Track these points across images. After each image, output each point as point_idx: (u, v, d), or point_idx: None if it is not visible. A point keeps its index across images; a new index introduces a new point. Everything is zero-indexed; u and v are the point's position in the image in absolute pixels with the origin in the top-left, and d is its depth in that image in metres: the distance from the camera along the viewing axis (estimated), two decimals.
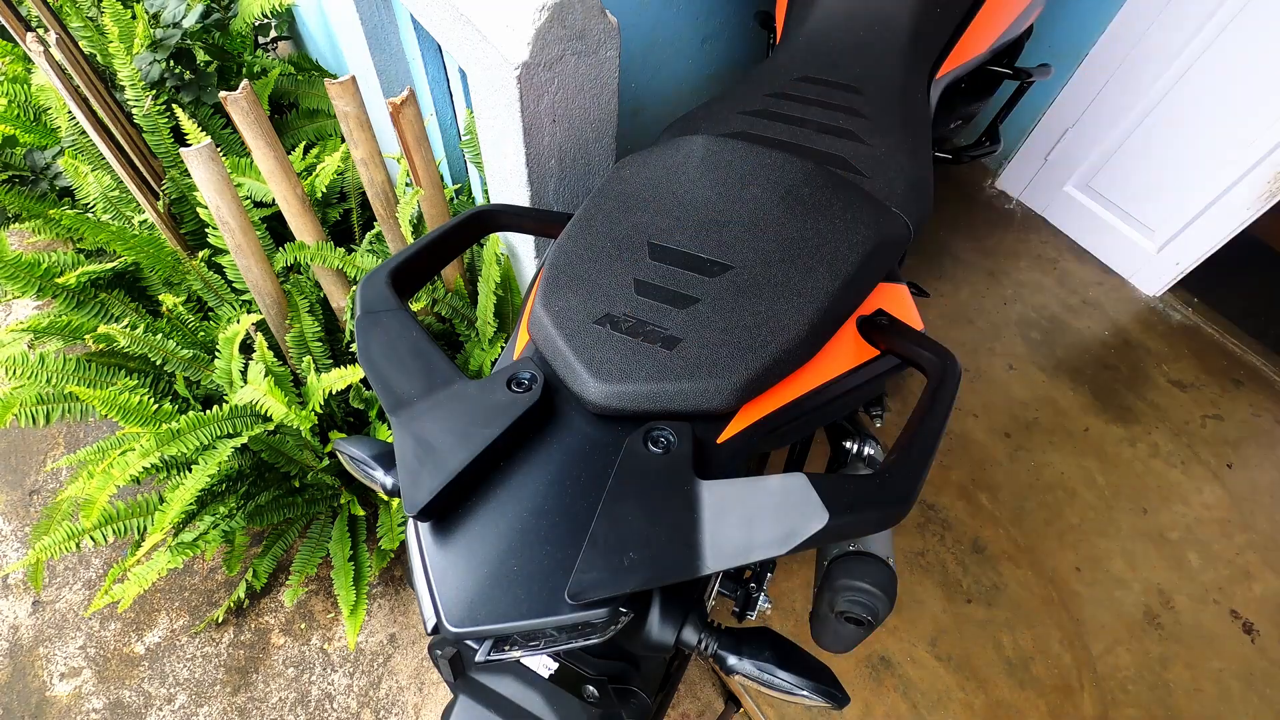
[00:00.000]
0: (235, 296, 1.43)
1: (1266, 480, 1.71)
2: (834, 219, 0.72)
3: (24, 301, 2.01)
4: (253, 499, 1.36)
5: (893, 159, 0.86)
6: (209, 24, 1.64)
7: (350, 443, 0.69)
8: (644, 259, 0.68)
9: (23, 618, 1.55)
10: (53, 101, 1.54)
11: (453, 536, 0.53)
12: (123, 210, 1.48)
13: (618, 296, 0.65)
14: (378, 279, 0.68)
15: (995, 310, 2.01)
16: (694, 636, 0.63)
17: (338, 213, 1.61)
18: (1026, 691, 1.41)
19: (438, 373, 0.61)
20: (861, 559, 0.75)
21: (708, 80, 1.62)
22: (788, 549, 0.47)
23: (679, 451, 0.55)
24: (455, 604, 0.50)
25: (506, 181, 1.13)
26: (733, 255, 0.68)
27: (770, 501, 0.49)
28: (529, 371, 0.60)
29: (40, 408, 1.23)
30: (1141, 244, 2.00)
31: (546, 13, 0.86)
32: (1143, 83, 1.80)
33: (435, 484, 0.52)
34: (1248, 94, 1.64)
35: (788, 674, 0.61)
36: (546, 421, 0.60)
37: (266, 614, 1.55)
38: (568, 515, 0.54)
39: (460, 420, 0.56)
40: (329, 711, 1.44)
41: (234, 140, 1.65)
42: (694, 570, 0.47)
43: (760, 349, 0.61)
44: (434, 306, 1.40)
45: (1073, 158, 2.04)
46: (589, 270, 0.67)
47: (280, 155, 1.10)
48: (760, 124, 0.91)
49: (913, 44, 1.04)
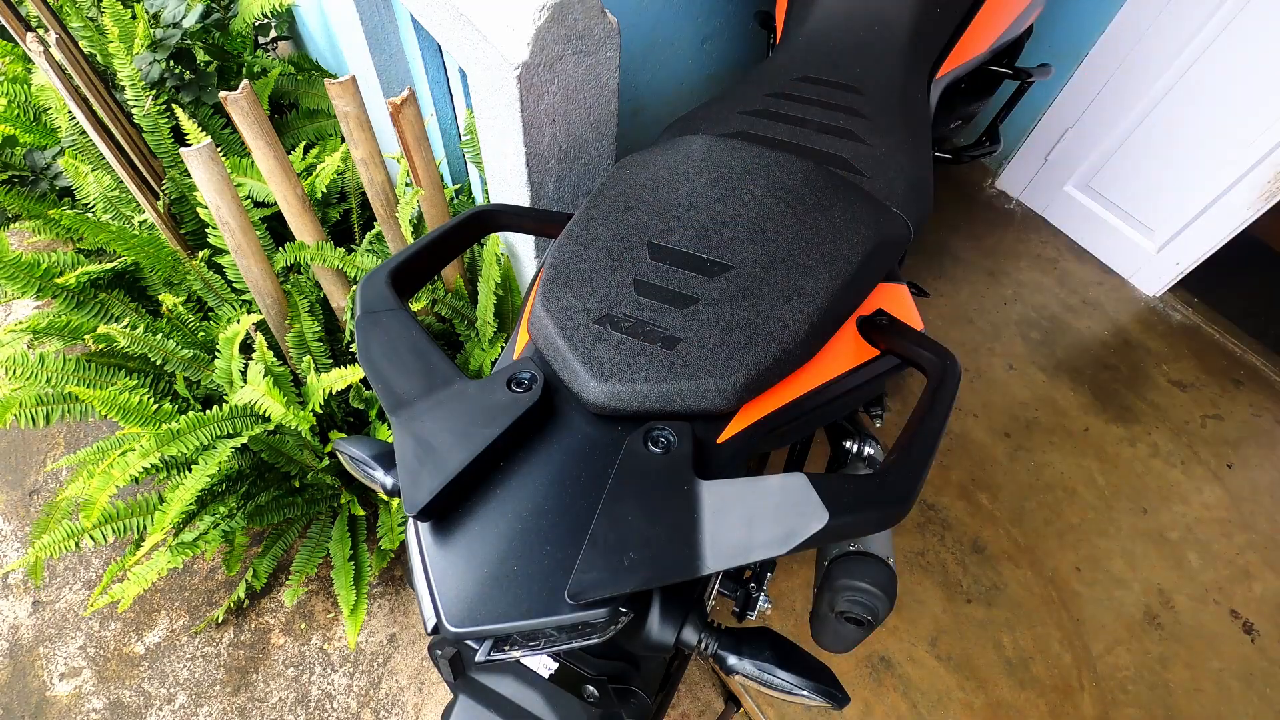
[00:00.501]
0: (235, 296, 1.43)
1: (1266, 480, 1.71)
2: (834, 219, 0.72)
3: (24, 301, 2.01)
4: (253, 499, 1.36)
5: (893, 159, 0.86)
6: (209, 24, 1.63)
7: (350, 443, 0.69)
8: (644, 259, 0.68)
9: (23, 618, 1.55)
10: (53, 101, 1.54)
11: (453, 536, 0.53)
12: (123, 210, 1.48)
13: (618, 296, 0.65)
14: (378, 279, 0.68)
15: (995, 310, 2.01)
16: (694, 636, 0.63)
17: (338, 213, 1.61)
18: (1026, 691, 1.41)
19: (438, 372, 0.61)
20: (861, 559, 0.75)
21: (708, 80, 1.62)
22: (788, 549, 0.47)
23: (679, 451, 0.55)
24: (455, 604, 0.50)
25: (506, 181, 1.13)
26: (733, 255, 0.68)
27: (770, 501, 0.49)
28: (529, 371, 0.60)
29: (40, 408, 1.23)
30: (1141, 244, 2.00)
31: (546, 13, 0.86)
32: (1143, 83, 1.80)
33: (435, 484, 0.52)
34: (1248, 94, 1.64)
35: (788, 674, 0.61)
36: (546, 421, 0.60)
37: (266, 614, 1.55)
38: (568, 515, 0.53)
39: (460, 420, 0.56)
40: (329, 711, 1.44)
41: (234, 140, 1.65)
42: (694, 570, 0.47)
43: (760, 349, 0.61)
44: (434, 306, 1.40)
45: (1073, 158, 2.04)
46: (589, 270, 0.67)
47: (280, 155, 1.10)
48: (760, 124, 0.91)
49: (913, 44, 1.04)
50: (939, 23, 1.07)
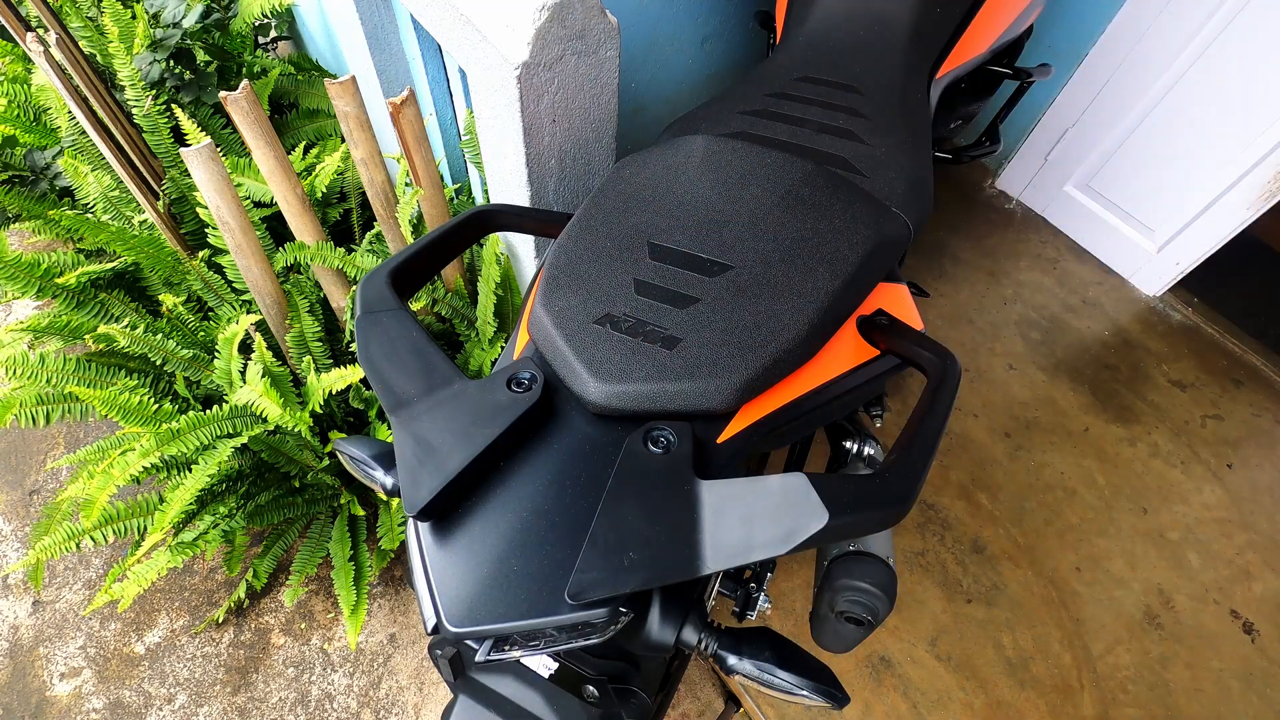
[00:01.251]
0: (235, 296, 1.43)
1: (1266, 480, 1.71)
2: (834, 219, 0.72)
3: (24, 301, 2.02)
4: (253, 499, 1.36)
5: (893, 159, 0.86)
6: (209, 24, 1.63)
7: (350, 443, 0.69)
8: (644, 258, 0.68)
9: (23, 618, 1.55)
10: (53, 101, 1.54)
11: (453, 536, 0.53)
12: (123, 210, 1.48)
13: (618, 296, 0.65)
14: (377, 279, 0.68)
15: (995, 310, 2.01)
16: (694, 636, 0.63)
17: (338, 213, 1.61)
18: (1026, 691, 1.41)
19: (438, 373, 0.60)
20: (861, 559, 0.75)
21: (708, 80, 1.62)
22: (787, 549, 0.47)
23: (679, 451, 0.55)
24: (455, 604, 0.50)
25: (506, 181, 1.13)
26: (733, 255, 0.68)
27: (770, 501, 0.49)
28: (529, 371, 0.60)
29: (40, 408, 1.23)
30: (1141, 244, 2.00)
31: (546, 13, 0.86)
32: (1143, 83, 1.80)
33: (435, 484, 0.52)
34: (1248, 94, 1.64)
35: (788, 674, 0.61)
36: (546, 421, 0.60)
37: (266, 614, 1.55)
38: (568, 515, 0.53)
39: (460, 420, 0.56)
40: (329, 711, 1.44)
41: (234, 140, 1.65)
42: (694, 570, 0.47)
43: (760, 349, 0.61)
44: (434, 306, 1.40)
45: (1073, 158, 2.04)
46: (589, 270, 0.67)
47: (280, 155, 1.10)
48: (760, 124, 0.91)
49: (913, 44, 1.04)
50: (939, 23, 1.07)
